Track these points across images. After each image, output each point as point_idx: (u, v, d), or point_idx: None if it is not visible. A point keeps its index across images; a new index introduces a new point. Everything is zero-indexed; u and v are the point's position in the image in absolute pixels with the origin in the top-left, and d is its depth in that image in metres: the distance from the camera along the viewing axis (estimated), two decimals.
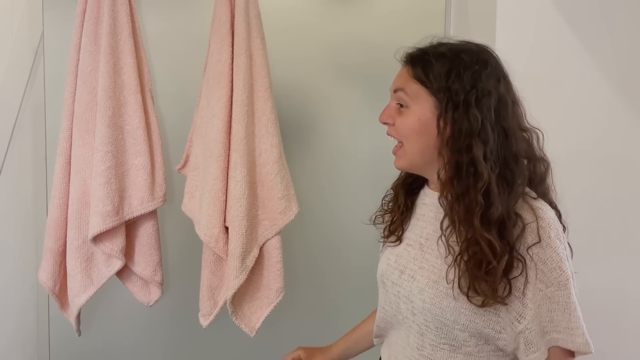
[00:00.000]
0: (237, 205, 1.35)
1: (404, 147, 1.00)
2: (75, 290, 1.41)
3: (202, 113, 1.44)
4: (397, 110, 1.00)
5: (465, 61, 0.97)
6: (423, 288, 0.98)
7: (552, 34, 1.45)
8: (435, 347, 0.97)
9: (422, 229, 1.04)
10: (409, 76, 0.99)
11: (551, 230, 0.92)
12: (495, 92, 0.96)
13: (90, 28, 1.38)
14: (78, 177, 1.39)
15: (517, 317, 0.92)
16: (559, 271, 0.91)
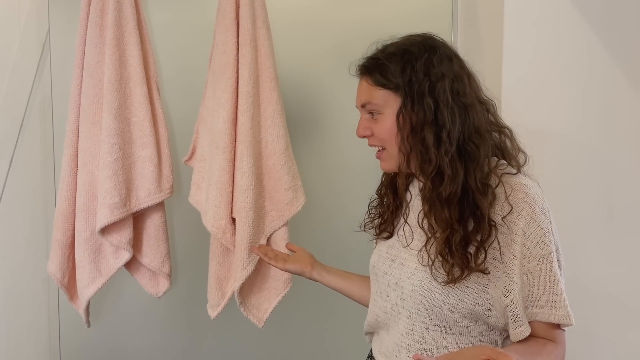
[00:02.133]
0: (243, 196, 1.35)
1: (387, 151, 1.03)
2: (84, 281, 1.42)
3: (208, 104, 1.44)
4: (370, 121, 1.03)
5: (415, 53, 1.00)
6: (412, 272, 1.00)
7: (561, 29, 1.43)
8: (425, 329, 0.99)
9: (411, 218, 1.08)
10: (370, 85, 1.02)
11: (536, 206, 0.95)
12: (449, 72, 0.99)
13: (96, 20, 1.38)
14: (85, 169, 1.39)
15: (504, 291, 0.94)
16: (542, 245, 0.94)
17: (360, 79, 1.06)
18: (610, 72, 1.44)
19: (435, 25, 1.62)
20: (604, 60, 1.43)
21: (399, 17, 1.67)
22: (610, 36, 1.43)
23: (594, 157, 1.46)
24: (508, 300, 0.93)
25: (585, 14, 1.42)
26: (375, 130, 1.03)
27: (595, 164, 1.47)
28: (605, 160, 1.47)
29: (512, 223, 0.94)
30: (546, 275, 0.94)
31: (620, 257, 1.45)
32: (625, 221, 1.48)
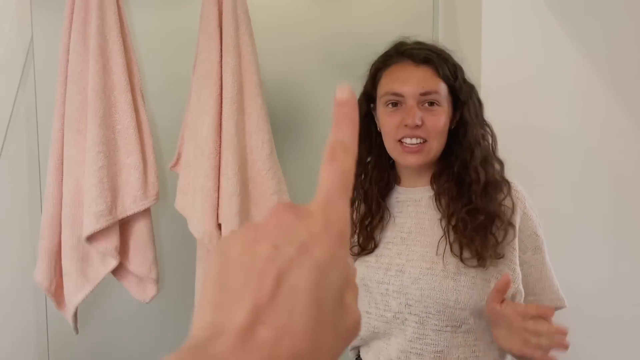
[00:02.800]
0: (229, 202, 1.37)
1: (429, 145, 1.04)
2: (71, 289, 1.42)
3: (193, 111, 1.45)
4: (425, 111, 1.03)
5: (454, 59, 1.07)
6: (417, 277, 1.01)
7: (537, 27, 1.46)
8: (438, 331, 1.01)
9: (401, 225, 1.08)
10: (435, 76, 1.03)
11: (526, 200, 1.05)
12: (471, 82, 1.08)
13: (79, 29, 1.39)
14: (71, 177, 1.40)
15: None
16: (535, 236, 1.04)
17: (417, 65, 1.04)
18: (585, 68, 1.47)
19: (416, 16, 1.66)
20: (583, 55, 1.46)
21: (380, 19, 1.69)
22: (584, 33, 1.47)
23: (572, 153, 1.50)
24: (513, 290, 1.00)
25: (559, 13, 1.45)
26: (429, 122, 1.02)
27: (572, 160, 1.50)
28: (582, 156, 1.50)
29: (509, 220, 1.01)
30: (539, 264, 1.03)
31: (599, 255, 1.48)
32: (604, 219, 1.51)
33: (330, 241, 0.29)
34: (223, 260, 0.29)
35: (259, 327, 0.26)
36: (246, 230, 0.30)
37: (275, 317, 0.27)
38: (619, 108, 1.49)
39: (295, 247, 0.28)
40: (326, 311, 0.28)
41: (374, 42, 1.14)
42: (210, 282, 0.29)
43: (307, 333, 0.27)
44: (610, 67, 1.48)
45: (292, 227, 0.29)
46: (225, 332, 0.26)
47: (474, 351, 1.02)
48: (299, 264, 0.28)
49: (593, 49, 1.47)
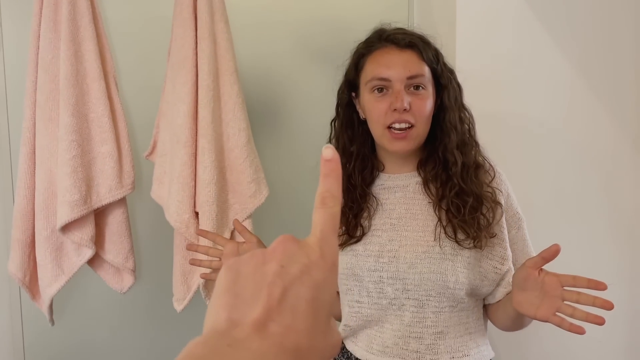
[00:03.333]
0: (206, 190, 1.36)
1: (417, 129, 1.05)
2: (46, 280, 1.40)
3: (168, 98, 1.43)
4: (412, 95, 1.04)
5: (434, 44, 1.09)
6: (413, 262, 1.03)
7: (510, 13, 1.48)
8: (438, 312, 1.03)
9: (390, 212, 1.08)
10: (420, 60, 1.05)
11: (507, 181, 1.10)
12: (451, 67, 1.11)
13: (49, 15, 1.35)
14: (43, 167, 1.37)
15: (500, 260, 1.05)
16: (517, 215, 1.10)
17: (402, 50, 1.05)
18: (563, 54, 1.50)
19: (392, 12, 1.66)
20: (556, 42, 1.49)
21: (356, 5, 1.69)
22: (555, 19, 1.49)
23: (543, 137, 1.53)
24: (506, 267, 1.05)
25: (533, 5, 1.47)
26: (416, 106, 1.03)
27: (544, 145, 1.53)
28: (553, 141, 1.53)
29: (498, 200, 1.06)
30: (522, 240, 1.09)
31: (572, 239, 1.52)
32: (577, 204, 1.55)
33: (325, 267, 0.37)
34: (235, 275, 0.37)
35: (270, 323, 0.33)
36: (255, 255, 0.38)
37: (282, 317, 0.34)
38: (588, 91, 1.53)
39: (298, 267, 0.36)
40: (319, 321, 0.35)
41: (350, 28, 1.14)
42: (223, 291, 0.36)
43: (306, 333, 0.34)
44: (579, 51, 1.51)
45: (295, 253, 0.37)
46: (243, 324, 0.33)
47: (467, 328, 1.06)
48: (301, 281, 0.35)
49: (563, 33, 1.50)
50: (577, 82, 1.52)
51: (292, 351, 0.33)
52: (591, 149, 1.54)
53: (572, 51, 1.50)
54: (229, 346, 0.32)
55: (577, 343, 1.55)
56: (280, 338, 0.33)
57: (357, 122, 1.12)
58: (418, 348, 1.03)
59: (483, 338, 1.10)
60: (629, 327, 1.61)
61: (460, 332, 1.05)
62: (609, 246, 1.58)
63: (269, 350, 0.32)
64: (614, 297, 1.57)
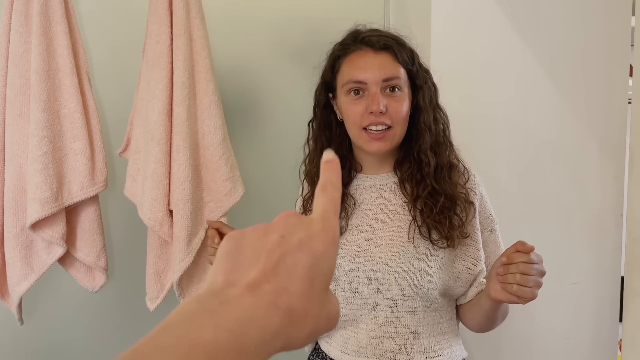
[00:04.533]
0: (180, 188, 1.35)
1: (394, 130, 1.06)
2: (15, 278, 1.37)
3: (142, 95, 1.42)
4: (388, 98, 1.04)
5: (409, 45, 1.10)
6: (388, 262, 1.03)
7: (484, 14, 1.50)
8: (412, 312, 1.04)
9: (367, 212, 1.09)
10: (395, 61, 1.05)
11: (482, 184, 1.12)
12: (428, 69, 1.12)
13: (20, 9, 1.32)
14: (13, 163, 1.35)
15: (473, 261, 1.06)
16: (490, 218, 1.11)
17: (377, 52, 1.05)
18: (534, 54, 1.53)
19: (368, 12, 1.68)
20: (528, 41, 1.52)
21: (332, 4, 1.70)
22: (527, 21, 1.53)
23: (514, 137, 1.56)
24: (479, 268, 1.07)
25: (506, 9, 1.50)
26: (392, 108, 1.03)
27: (514, 144, 1.56)
28: (524, 140, 1.56)
29: (472, 202, 1.08)
30: (493, 243, 1.11)
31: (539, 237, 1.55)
32: (544, 202, 1.59)
33: (325, 239, 0.38)
34: (236, 243, 0.38)
35: (265, 284, 0.34)
36: (257, 227, 0.39)
37: (277, 279, 0.35)
38: (557, 92, 1.56)
39: (298, 238, 0.37)
40: (316, 288, 0.36)
41: (326, 27, 1.15)
42: (223, 257, 0.37)
43: (300, 297, 0.34)
44: (550, 52, 1.55)
45: (296, 225, 0.38)
46: (238, 284, 0.34)
47: (440, 328, 1.08)
48: (300, 249, 0.36)
49: (535, 35, 1.53)
50: (547, 83, 1.55)
51: (284, 310, 0.33)
52: (560, 149, 1.58)
53: (543, 52, 1.54)
54: (221, 304, 0.33)
55: (545, 339, 1.59)
56: (274, 297, 0.33)
57: (335, 123, 1.13)
58: (392, 348, 1.04)
59: (456, 338, 1.12)
60: (594, 323, 1.66)
61: (434, 332, 1.07)
62: (576, 245, 1.62)
63: (260, 307, 0.33)
64: (581, 294, 1.61)
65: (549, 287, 1.56)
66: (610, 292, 1.66)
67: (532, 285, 0.90)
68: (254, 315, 0.32)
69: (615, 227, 1.64)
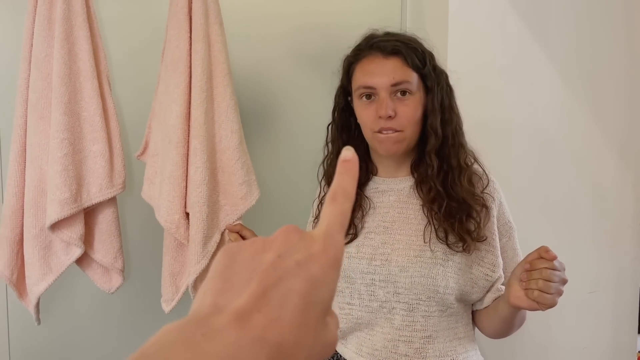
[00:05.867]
0: (197, 191, 1.36)
1: (404, 134, 1.06)
2: (33, 278, 1.39)
3: (161, 99, 1.43)
4: (397, 102, 1.05)
5: (426, 48, 1.10)
6: (405, 266, 1.03)
7: (501, 19, 1.50)
8: (427, 316, 1.04)
9: (384, 214, 1.09)
10: (405, 65, 1.06)
11: (500, 190, 1.11)
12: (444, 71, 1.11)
13: (44, 13, 1.35)
14: (34, 164, 1.37)
15: (491, 267, 1.06)
16: (509, 224, 1.10)
17: (386, 57, 1.07)
18: (551, 61, 1.52)
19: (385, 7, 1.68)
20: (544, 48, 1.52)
21: (349, 11, 1.70)
22: (545, 26, 1.52)
23: (532, 142, 1.55)
24: (497, 274, 1.06)
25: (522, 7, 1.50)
26: (401, 112, 1.04)
27: (531, 150, 1.55)
28: (541, 146, 1.55)
29: (489, 207, 1.07)
30: (511, 250, 1.10)
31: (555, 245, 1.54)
32: (561, 209, 1.57)
33: (325, 262, 0.35)
34: (230, 260, 0.35)
35: (254, 313, 0.31)
36: (255, 242, 0.36)
37: (269, 308, 0.31)
38: (576, 98, 1.55)
39: (296, 260, 0.34)
40: (311, 317, 0.33)
41: (343, 33, 1.16)
42: (215, 275, 0.34)
43: (292, 328, 0.31)
44: (569, 58, 1.54)
45: (296, 244, 0.35)
46: (225, 311, 0.31)
47: (456, 333, 1.07)
48: (296, 273, 0.33)
49: (553, 40, 1.52)
50: (564, 87, 1.54)
51: (274, 345, 0.30)
52: (577, 155, 1.57)
53: (561, 58, 1.53)
54: (203, 335, 0.30)
55: (562, 349, 1.57)
56: (263, 331, 0.30)
57: (354, 126, 1.15)
58: (407, 352, 1.04)
59: (472, 343, 1.11)
60: (612, 333, 1.63)
61: (449, 337, 1.06)
62: (594, 253, 1.60)
63: (246, 342, 0.30)
64: (599, 303, 1.59)
65: (566, 295, 1.54)
66: (628, 302, 1.63)
67: (554, 293, 0.89)
68: (238, 351, 0.29)
69: (634, 236, 1.62)
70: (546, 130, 1.55)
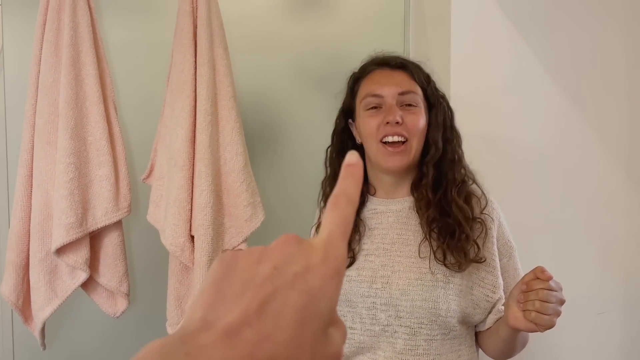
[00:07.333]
0: (202, 214, 1.36)
1: (410, 144, 1.07)
2: (39, 303, 1.39)
3: (166, 123, 1.45)
4: (404, 111, 1.07)
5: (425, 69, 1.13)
6: (405, 289, 1.03)
7: (502, 39, 1.51)
8: (430, 340, 1.03)
9: (382, 236, 1.09)
10: (411, 79, 1.09)
11: (499, 209, 1.11)
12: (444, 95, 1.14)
13: (51, 40, 1.37)
14: (40, 189, 1.38)
15: (492, 288, 1.05)
16: (509, 244, 1.10)
17: (393, 70, 1.10)
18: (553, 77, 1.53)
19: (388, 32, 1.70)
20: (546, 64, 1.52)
21: (353, 35, 1.72)
22: (547, 48, 1.53)
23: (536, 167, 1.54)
24: (497, 295, 1.05)
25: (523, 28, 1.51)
26: (409, 121, 1.06)
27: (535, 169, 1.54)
28: (548, 165, 1.55)
29: (489, 228, 1.07)
30: (513, 269, 1.10)
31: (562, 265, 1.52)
32: (566, 229, 1.56)
33: (325, 273, 0.33)
34: (225, 271, 0.33)
35: (246, 328, 0.29)
36: (252, 251, 0.34)
37: (261, 323, 0.29)
38: (580, 118, 1.55)
39: (293, 271, 0.32)
40: (308, 332, 0.30)
41: (347, 57, 1.17)
42: (208, 286, 0.33)
43: (286, 345, 0.29)
44: (572, 79, 1.54)
45: (293, 255, 0.33)
46: (214, 327, 0.29)
47: (460, 356, 1.06)
48: (293, 286, 0.31)
49: (556, 62, 1.53)
50: (570, 110, 1.54)
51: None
52: (584, 175, 1.56)
53: (563, 78, 1.53)
54: (186, 355, 0.28)
55: None
56: (252, 347, 0.28)
57: (352, 147, 1.14)
58: None
59: None
60: (622, 355, 1.61)
61: None
62: (602, 274, 1.59)
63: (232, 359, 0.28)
64: (608, 324, 1.57)
65: (575, 317, 1.53)
66: (639, 323, 1.61)
67: (551, 314, 0.88)
68: None
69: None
70: (551, 151, 1.54)
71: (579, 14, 1.54)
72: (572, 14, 1.53)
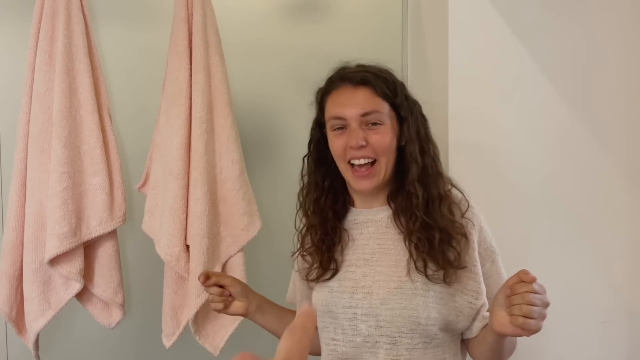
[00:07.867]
0: (197, 223, 1.35)
1: (379, 165, 1.05)
2: (32, 314, 1.37)
3: (162, 130, 1.43)
4: (368, 132, 1.05)
5: (397, 78, 1.10)
6: (386, 298, 1.01)
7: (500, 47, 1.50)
8: (411, 349, 1.01)
9: (363, 247, 1.08)
10: (374, 95, 1.05)
11: (480, 215, 1.09)
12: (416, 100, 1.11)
13: (45, 48, 1.36)
14: (34, 199, 1.36)
15: (475, 294, 1.03)
16: (491, 249, 1.08)
17: (356, 88, 1.07)
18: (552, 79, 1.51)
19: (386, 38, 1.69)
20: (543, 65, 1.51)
21: (350, 41, 1.71)
22: (547, 57, 1.51)
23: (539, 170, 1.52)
24: (481, 301, 1.03)
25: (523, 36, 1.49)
26: (374, 141, 1.04)
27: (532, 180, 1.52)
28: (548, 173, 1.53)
29: (469, 233, 1.04)
30: (496, 274, 1.07)
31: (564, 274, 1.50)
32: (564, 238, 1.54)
33: None
34: None
35: None
36: None
37: None
38: (581, 128, 1.53)
39: None
40: None
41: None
42: None
43: None
44: (572, 88, 1.52)
45: None
46: None
47: None
48: None
49: (557, 72, 1.51)
50: (571, 118, 1.52)
51: None
52: (586, 182, 1.54)
53: (564, 87, 1.51)
54: None
55: None
56: None
57: (330, 159, 1.13)
58: None
59: None
60: None
61: None
62: (606, 281, 1.56)
63: None
64: (612, 334, 1.54)
65: (578, 326, 1.50)
66: None
67: (537, 317, 0.86)
68: None
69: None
70: (551, 157, 1.52)
71: (579, 22, 1.52)
72: (572, 22, 1.52)
